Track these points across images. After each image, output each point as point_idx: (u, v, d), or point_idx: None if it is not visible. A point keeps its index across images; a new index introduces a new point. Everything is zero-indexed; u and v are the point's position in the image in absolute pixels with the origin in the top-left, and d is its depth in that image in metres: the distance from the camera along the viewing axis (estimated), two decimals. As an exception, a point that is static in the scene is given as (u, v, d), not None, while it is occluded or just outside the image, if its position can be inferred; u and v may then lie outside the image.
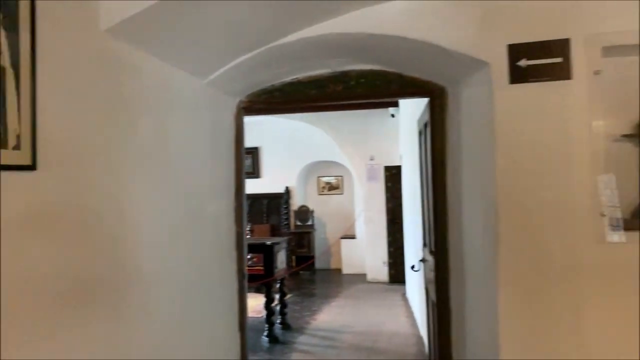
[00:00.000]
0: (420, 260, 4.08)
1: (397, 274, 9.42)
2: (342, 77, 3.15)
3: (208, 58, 2.67)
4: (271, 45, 2.69)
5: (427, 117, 3.28)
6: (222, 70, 2.81)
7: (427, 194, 3.64)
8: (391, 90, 3.09)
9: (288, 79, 3.23)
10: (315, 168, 11.63)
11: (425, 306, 4.19)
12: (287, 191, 11.05)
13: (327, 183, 11.83)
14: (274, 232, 10.73)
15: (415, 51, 2.66)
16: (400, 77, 3.07)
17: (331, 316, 7.32)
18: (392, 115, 9.17)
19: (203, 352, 2.84)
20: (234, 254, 3.31)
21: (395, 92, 3.11)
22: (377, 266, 9.84)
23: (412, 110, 5.71)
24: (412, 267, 4.22)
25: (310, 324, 6.93)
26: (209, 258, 2.97)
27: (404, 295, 8.48)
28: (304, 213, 11.17)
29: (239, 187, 3.32)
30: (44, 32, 1.72)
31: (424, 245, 4.02)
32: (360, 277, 10.11)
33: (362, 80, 3.10)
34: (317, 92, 3.18)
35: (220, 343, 3.10)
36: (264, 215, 10.99)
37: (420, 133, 3.95)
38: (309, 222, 11.14)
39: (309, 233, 10.99)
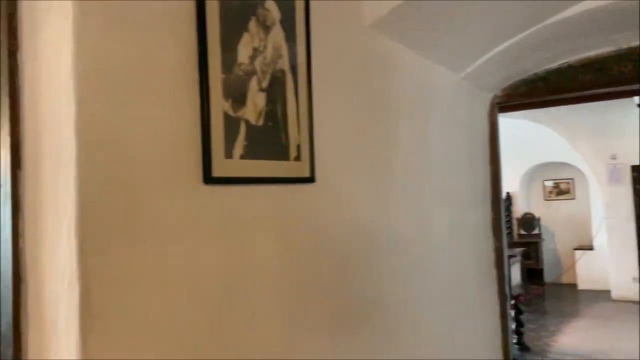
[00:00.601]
0: None
1: (653, 293, 7.91)
2: (630, 55, 2.51)
3: (468, 48, 2.34)
4: (543, 24, 2.26)
5: None
6: (480, 61, 2.45)
7: None
8: None
9: (554, 64, 2.71)
10: (539, 171, 10.46)
11: None
12: (509, 197, 10.14)
13: (555, 187, 10.55)
14: (495, 241, 9.93)
15: None
16: None
17: (576, 339, 6.38)
18: (639, 105, 7.75)
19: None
20: (493, 271, 2.89)
21: None
22: (625, 282, 8.41)
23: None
24: None
25: (551, 346, 6.12)
26: (468, 277, 2.62)
27: (665, 318, 7.05)
28: (529, 221, 10.13)
29: (496, 194, 2.89)
30: (316, 33, 1.58)
31: None
32: (602, 295, 8.75)
33: (664, 55, 2.44)
34: (594, 76, 2.60)
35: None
36: (484, 223, 10.25)
37: None
38: (535, 231, 10.06)
39: (535, 243, 9.92)
